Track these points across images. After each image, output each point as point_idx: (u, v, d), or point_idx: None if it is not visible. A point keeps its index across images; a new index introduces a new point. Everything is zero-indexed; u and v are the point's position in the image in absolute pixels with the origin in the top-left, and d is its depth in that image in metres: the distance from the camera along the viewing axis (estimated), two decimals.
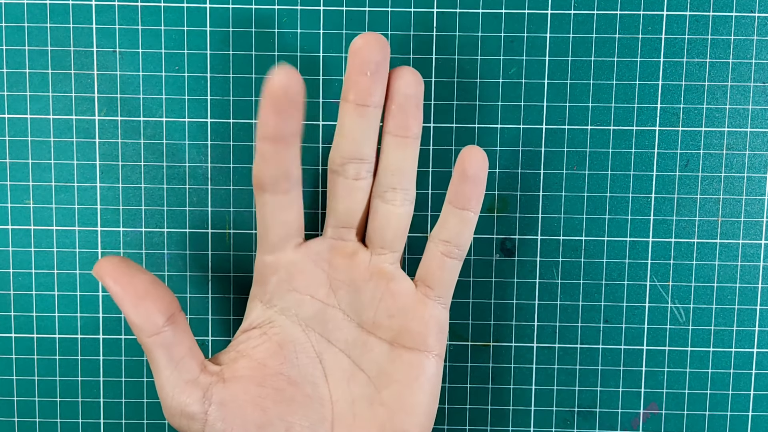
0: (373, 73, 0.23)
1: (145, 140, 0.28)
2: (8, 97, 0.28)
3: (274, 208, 0.24)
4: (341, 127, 0.24)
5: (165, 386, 0.22)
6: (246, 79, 0.28)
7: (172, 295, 0.23)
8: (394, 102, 0.24)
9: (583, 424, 0.29)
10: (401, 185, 0.24)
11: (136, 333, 0.22)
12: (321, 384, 0.24)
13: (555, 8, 0.28)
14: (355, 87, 0.23)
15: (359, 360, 0.25)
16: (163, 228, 0.28)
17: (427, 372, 0.24)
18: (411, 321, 0.25)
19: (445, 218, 0.25)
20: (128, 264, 0.22)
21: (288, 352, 0.24)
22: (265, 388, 0.23)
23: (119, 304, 0.22)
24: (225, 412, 0.22)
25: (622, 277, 0.29)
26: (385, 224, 0.24)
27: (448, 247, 0.25)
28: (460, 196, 0.24)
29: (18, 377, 0.29)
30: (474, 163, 0.24)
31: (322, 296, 0.25)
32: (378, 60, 0.23)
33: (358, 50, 0.23)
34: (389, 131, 0.24)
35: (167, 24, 0.28)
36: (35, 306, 0.29)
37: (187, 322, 0.23)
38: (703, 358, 0.29)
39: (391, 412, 0.24)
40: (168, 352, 0.22)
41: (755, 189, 0.28)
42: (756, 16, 0.28)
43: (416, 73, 0.24)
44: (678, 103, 0.28)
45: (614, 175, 0.28)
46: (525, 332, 0.29)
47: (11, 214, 0.28)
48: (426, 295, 0.25)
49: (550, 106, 0.28)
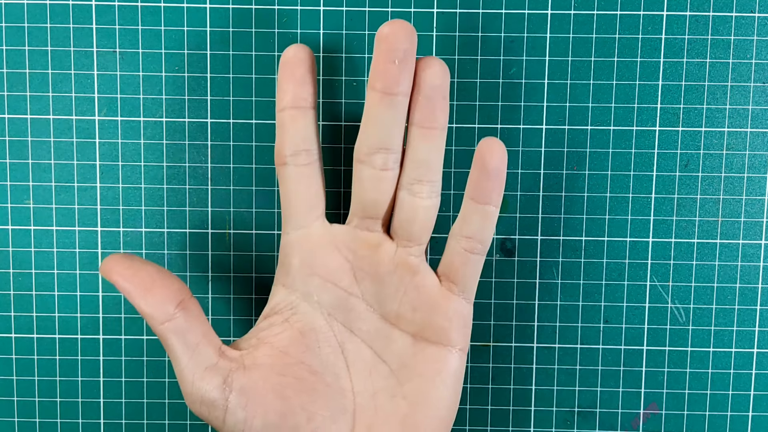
0: (401, 62, 0.23)
1: (145, 140, 0.28)
2: (8, 97, 0.28)
3: (295, 180, 0.24)
4: (368, 116, 0.23)
5: (184, 374, 0.22)
6: (246, 79, 0.28)
7: (181, 282, 0.22)
8: (421, 93, 0.23)
9: (583, 425, 0.29)
10: (427, 177, 0.24)
11: (150, 323, 0.22)
12: (343, 375, 0.24)
13: (555, 8, 0.28)
14: (383, 76, 0.23)
15: (381, 352, 0.25)
16: (163, 228, 0.28)
17: (449, 366, 0.24)
18: (434, 315, 0.24)
19: (466, 214, 0.24)
20: (132, 258, 0.22)
21: (310, 341, 0.24)
22: (286, 377, 0.23)
23: (129, 297, 0.22)
24: (246, 399, 0.22)
25: (622, 277, 0.29)
26: (412, 217, 0.24)
27: (471, 242, 0.24)
28: (481, 191, 0.24)
29: (18, 377, 0.29)
30: (494, 156, 0.24)
31: (345, 285, 0.25)
32: (406, 48, 0.22)
33: (385, 38, 0.22)
34: (416, 123, 0.24)
35: (167, 24, 0.28)
36: (35, 306, 0.29)
37: (200, 308, 0.23)
38: (703, 359, 0.29)
39: (412, 405, 0.24)
40: (182, 338, 0.22)
41: (755, 189, 0.28)
42: (756, 16, 0.28)
43: (443, 63, 0.23)
44: (678, 103, 0.28)
45: (614, 175, 0.28)
46: (525, 332, 0.29)
47: (11, 214, 0.28)
48: (450, 290, 0.25)
49: (550, 106, 0.28)
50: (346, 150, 0.28)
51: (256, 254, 0.29)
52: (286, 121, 0.24)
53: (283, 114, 0.24)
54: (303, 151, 0.24)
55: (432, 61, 0.23)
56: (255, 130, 0.28)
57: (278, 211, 0.28)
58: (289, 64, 0.24)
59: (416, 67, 0.23)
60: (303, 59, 0.24)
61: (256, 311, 0.29)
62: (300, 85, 0.24)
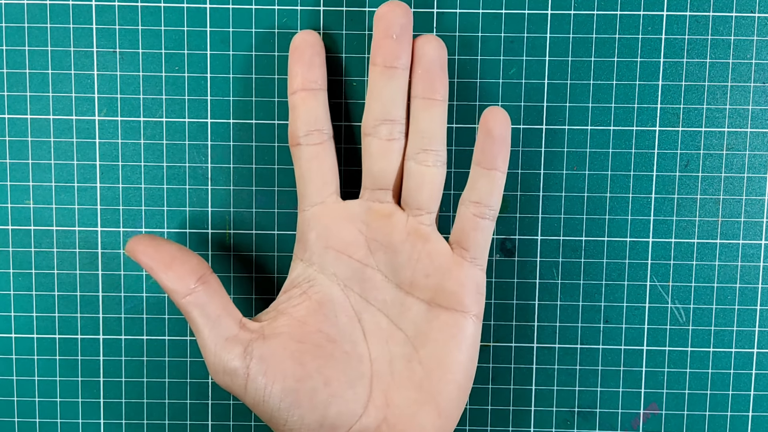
0: (399, 36, 0.24)
1: (145, 140, 0.28)
2: (8, 97, 0.28)
3: (309, 159, 0.25)
4: (372, 90, 0.25)
5: (207, 344, 0.23)
6: (246, 79, 0.28)
7: (201, 259, 0.24)
8: (421, 66, 0.25)
9: (583, 425, 0.29)
10: (432, 146, 0.25)
11: (172, 297, 0.23)
12: (360, 342, 0.25)
13: (555, 8, 0.28)
14: (383, 50, 0.24)
15: (397, 320, 0.25)
16: (163, 228, 0.28)
17: (464, 332, 0.25)
18: (448, 281, 0.25)
19: (474, 180, 0.25)
20: (154, 238, 0.24)
21: (327, 310, 0.25)
22: (305, 344, 0.24)
23: (152, 273, 0.23)
24: (266, 366, 0.23)
25: (622, 277, 0.29)
26: (420, 184, 0.25)
27: (480, 207, 0.25)
28: (488, 156, 0.25)
29: (18, 377, 0.29)
30: (498, 123, 0.25)
31: (360, 257, 0.25)
32: (403, 23, 0.24)
33: (384, 15, 0.24)
34: (417, 95, 0.25)
35: (167, 24, 0.28)
36: (35, 306, 0.29)
37: (220, 283, 0.24)
38: (704, 359, 0.29)
39: (428, 370, 0.25)
40: (204, 311, 0.23)
41: (755, 189, 0.28)
42: (756, 16, 0.28)
43: (438, 39, 0.25)
44: (678, 104, 0.28)
45: (614, 176, 0.28)
46: (525, 332, 0.29)
47: (11, 214, 0.28)
48: (462, 257, 0.25)
49: (550, 106, 0.28)
50: (346, 150, 0.28)
51: (256, 254, 0.29)
52: (297, 103, 0.25)
53: (294, 97, 0.25)
54: (315, 131, 0.25)
55: (428, 36, 0.25)
56: (255, 130, 0.28)
57: (278, 211, 0.28)
58: (298, 49, 0.25)
59: (414, 44, 0.25)
60: (312, 43, 0.25)
61: (256, 311, 0.29)
62: (309, 68, 0.25)
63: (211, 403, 0.29)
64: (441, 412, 0.24)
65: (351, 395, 0.24)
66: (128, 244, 0.23)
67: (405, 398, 0.24)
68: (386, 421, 0.24)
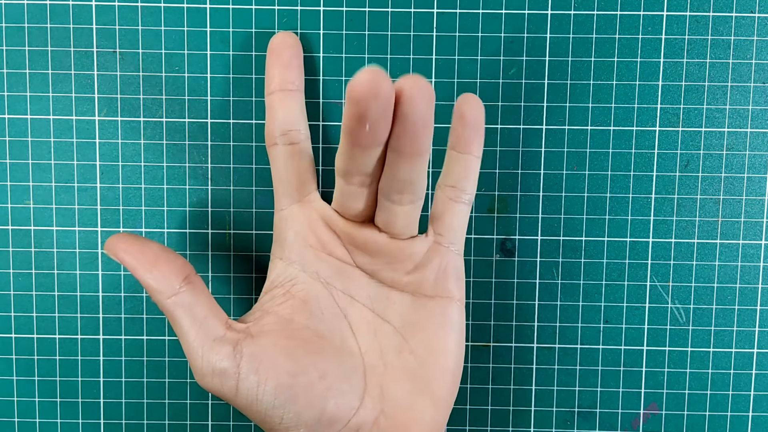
0: (373, 123, 0.21)
1: (145, 140, 0.28)
2: (8, 97, 0.28)
3: (286, 157, 0.25)
4: (344, 150, 0.22)
5: (193, 347, 0.23)
6: (246, 79, 0.28)
7: (185, 260, 0.23)
8: (401, 125, 0.21)
9: (583, 425, 0.29)
10: (408, 191, 0.23)
11: (156, 298, 0.22)
12: (348, 337, 0.25)
13: (555, 8, 0.28)
14: (355, 137, 0.21)
15: (383, 313, 0.25)
16: (163, 228, 0.28)
17: (451, 317, 0.25)
18: (428, 271, 0.25)
19: (449, 164, 0.25)
20: (136, 237, 0.23)
21: (313, 307, 0.25)
22: (295, 339, 0.24)
23: (134, 273, 0.22)
24: (257, 363, 0.23)
25: (622, 277, 0.29)
26: (392, 220, 0.24)
27: (455, 191, 0.25)
28: (462, 141, 0.24)
29: (18, 377, 0.29)
30: (472, 107, 0.24)
31: (339, 255, 0.25)
32: (378, 110, 0.20)
33: (356, 102, 0.20)
34: (396, 149, 0.22)
35: (167, 24, 0.28)
36: (35, 306, 0.29)
37: (204, 284, 0.23)
38: (704, 359, 0.29)
39: (420, 358, 0.25)
40: (189, 312, 0.23)
41: (755, 189, 0.28)
42: (756, 16, 0.28)
43: (428, 90, 0.21)
44: (678, 104, 0.28)
45: (614, 176, 0.28)
46: (525, 332, 0.29)
47: (11, 214, 0.28)
48: (439, 242, 0.25)
49: (550, 107, 0.28)
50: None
51: (256, 254, 0.29)
52: (274, 104, 0.25)
53: (272, 97, 0.26)
54: (292, 131, 0.25)
55: (415, 91, 0.21)
56: (255, 130, 0.28)
57: None
58: (276, 50, 0.26)
59: (397, 95, 0.21)
60: (290, 44, 0.26)
61: None
62: (287, 69, 0.26)
63: (211, 403, 0.29)
64: (436, 401, 0.24)
65: (347, 388, 0.24)
66: (108, 243, 0.23)
67: (400, 389, 0.24)
68: (383, 412, 0.24)
